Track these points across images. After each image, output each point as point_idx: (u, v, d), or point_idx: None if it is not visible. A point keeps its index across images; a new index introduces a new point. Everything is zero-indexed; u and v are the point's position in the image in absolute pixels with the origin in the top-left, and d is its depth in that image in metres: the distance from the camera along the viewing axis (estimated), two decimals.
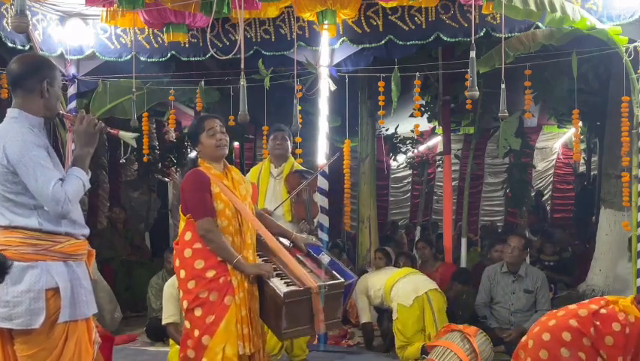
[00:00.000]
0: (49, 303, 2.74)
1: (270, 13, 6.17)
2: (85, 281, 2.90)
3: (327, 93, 6.45)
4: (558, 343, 3.53)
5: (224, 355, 3.54)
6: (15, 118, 2.82)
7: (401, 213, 13.85)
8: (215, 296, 3.59)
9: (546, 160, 13.67)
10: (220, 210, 3.66)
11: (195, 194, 3.69)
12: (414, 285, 5.68)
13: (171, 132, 10.88)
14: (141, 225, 9.85)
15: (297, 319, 3.58)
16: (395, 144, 10.67)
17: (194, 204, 3.70)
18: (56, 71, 2.94)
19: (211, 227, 3.62)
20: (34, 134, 2.77)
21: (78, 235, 2.89)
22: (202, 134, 3.78)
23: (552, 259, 8.79)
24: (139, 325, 6.99)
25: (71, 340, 2.80)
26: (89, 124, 2.87)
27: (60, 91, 2.94)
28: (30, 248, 2.74)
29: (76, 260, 2.86)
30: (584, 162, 13.02)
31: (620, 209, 7.00)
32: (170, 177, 11.30)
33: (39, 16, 6.47)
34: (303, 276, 3.59)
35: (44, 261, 2.75)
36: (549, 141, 13.38)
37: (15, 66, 2.88)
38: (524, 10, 4.79)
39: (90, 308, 2.91)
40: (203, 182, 3.68)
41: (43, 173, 2.69)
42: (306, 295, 3.54)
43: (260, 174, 5.44)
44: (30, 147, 2.71)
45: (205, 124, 3.79)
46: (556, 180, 13.90)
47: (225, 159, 3.90)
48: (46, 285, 2.73)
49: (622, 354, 3.47)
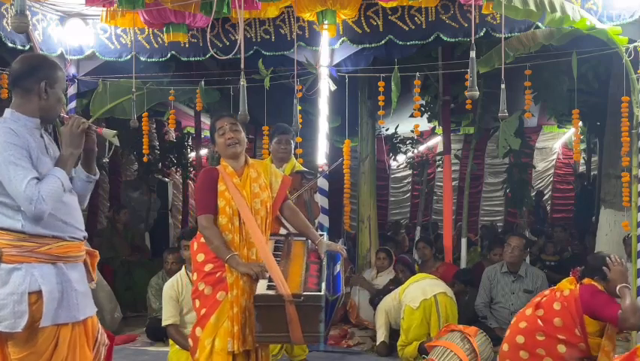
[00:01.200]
0: (33, 306, 2.67)
1: (270, 13, 6.18)
2: (78, 284, 2.82)
3: (327, 93, 6.45)
4: (516, 348, 4.00)
5: (213, 349, 3.60)
6: (4, 119, 2.78)
7: (401, 213, 13.84)
8: (210, 290, 3.68)
9: (546, 160, 13.66)
10: (221, 208, 3.71)
11: (200, 190, 3.85)
12: (423, 288, 5.65)
13: (171, 132, 10.89)
14: (141, 225, 9.85)
15: (273, 325, 3.49)
16: (395, 144, 10.66)
17: (197, 200, 3.91)
18: (57, 72, 2.85)
19: (207, 224, 3.69)
20: (14, 135, 2.69)
21: (66, 236, 2.80)
22: (215, 134, 3.86)
23: (553, 259, 8.78)
24: (139, 325, 6.99)
25: (63, 344, 2.74)
26: (73, 125, 2.81)
27: (61, 92, 2.87)
28: (15, 250, 2.69)
29: (67, 262, 2.79)
30: (584, 162, 13.01)
31: (620, 209, 7.00)
32: (170, 177, 11.31)
33: (39, 16, 6.47)
34: (279, 282, 3.50)
35: (29, 263, 2.69)
36: (549, 141, 13.37)
37: (15, 65, 2.85)
38: (524, 10, 4.79)
39: (83, 312, 2.83)
40: (208, 179, 3.77)
41: (16, 172, 2.63)
42: (280, 302, 3.44)
43: None
44: (6, 147, 2.65)
45: (216, 124, 3.85)
46: (556, 180, 13.89)
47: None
48: (29, 288, 2.67)
49: (574, 325, 3.89)
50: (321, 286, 3.51)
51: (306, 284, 3.54)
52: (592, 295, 3.90)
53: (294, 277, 3.61)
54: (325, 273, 3.65)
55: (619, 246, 7.22)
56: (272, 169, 4.02)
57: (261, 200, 3.79)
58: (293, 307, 3.42)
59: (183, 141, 11.09)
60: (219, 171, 3.79)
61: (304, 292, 3.47)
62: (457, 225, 9.77)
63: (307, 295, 3.45)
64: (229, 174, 3.76)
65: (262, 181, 3.84)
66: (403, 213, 13.81)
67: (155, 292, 6.53)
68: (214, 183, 3.73)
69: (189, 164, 11.04)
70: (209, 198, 3.72)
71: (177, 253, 6.27)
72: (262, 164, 4.05)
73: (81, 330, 2.84)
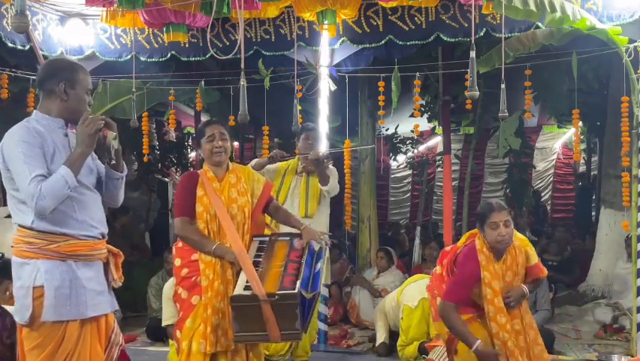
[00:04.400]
0: (36, 301, 2.77)
1: (270, 13, 6.18)
2: (90, 282, 2.88)
3: (327, 93, 6.45)
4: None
5: (190, 351, 3.71)
6: (28, 119, 2.90)
7: (401, 213, 13.84)
8: (186, 294, 3.79)
9: (546, 160, 13.66)
10: (199, 213, 3.81)
11: (178, 194, 3.96)
12: (421, 288, 5.65)
13: (171, 132, 10.88)
14: (141, 225, 9.85)
15: (250, 324, 3.54)
16: (395, 144, 10.67)
17: (175, 205, 4.00)
18: (79, 74, 2.93)
19: (183, 226, 3.81)
20: (29, 133, 2.79)
21: (78, 235, 2.86)
22: (202, 138, 3.93)
23: (555, 259, 8.79)
24: (139, 325, 6.98)
25: (68, 340, 2.80)
26: (89, 125, 2.85)
27: (84, 93, 2.95)
28: (26, 246, 2.80)
29: (78, 260, 2.85)
30: (584, 162, 13.02)
31: (620, 209, 7.01)
32: (170, 177, 11.31)
33: (39, 16, 6.47)
34: (254, 282, 3.56)
35: (37, 259, 2.79)
36: (549, 141, 13.36)
37: (40, 69, 3.03)
38: (524, 10, 4.79)
39: (93, 309, 2.89)
40: (187, 183, 3.89)
41: (23, 169, 2.73)
42: (256, 302, 3.49)
43: (286, 171, 5.45)
44: (19, 144, 2.75)
45: (206, 130, 3.93)
46: (556, 180, 13.89)
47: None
48: (34, 283, 2.77)
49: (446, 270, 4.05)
50: (296, 284, 3.56)
51: (283, 283, 3.59)
52: (459, 264, 3.93)
53: (272, 276, 3.66)
54: (303, 271, 3.68)
55: (619, 246, 7.23)
56: (254, 175, 4.11)
57: (239, 205, 3.87)
58: (268, 306, 3.48)
59: (183, 141, 11.10)
60: (199, 175, 3.90)
61: (279, 290, 3.52)
62: (457, 225, 9.77)
63: (281, 294, 3.50)
64: (209, 179, 3.87)
65: (241, 186, 3.93)
66: (402, 213, 13.81)
67: (155, 292, 6.53)
68: (193, 188, 3.85)
69: (189, 164, 11.05)
70: (187, 202, 3.83)
71: None
72: (244, 169, 4.12)
73: (93, 327, 2.90)
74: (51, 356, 2.78)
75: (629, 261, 6.53)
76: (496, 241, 3.80)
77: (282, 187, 5.37)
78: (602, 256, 7.56)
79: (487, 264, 3.83)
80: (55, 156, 2.82)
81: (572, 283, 8.23)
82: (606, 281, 7.41)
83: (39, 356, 2.78)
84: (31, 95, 6.59)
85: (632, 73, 5.52)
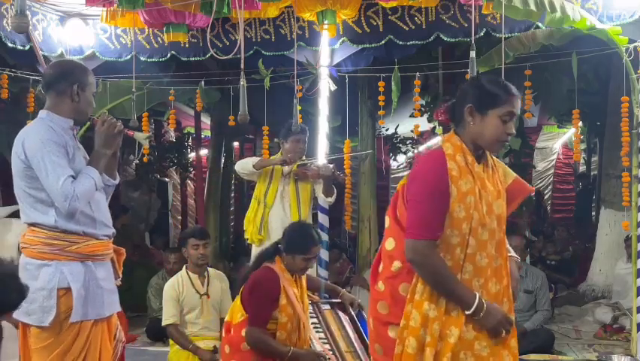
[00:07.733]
0: (60, 302, 2.79)
1: (270, 13, 6.17)
2: (105, 282, 2.92)
3: (327, 93, 6.44)
4: None
5: None
6: (42, 118, 2.92)
7: None
8: None
9: (546, 160, 13.65)
10: (282, 323, 3.70)
11: (258, 300, 3.71)
12: None
13: (171, 132, 10.88)
14: (141, 225, 9.85)
15: None
16: (395, 144, 10.67)
17: (252, 310, 3.72)
18: (89, 77, 2.98)
19: (259, 336, 3.67)
20: (53, 132, 2.83)
21: (99, 235, 2.92)
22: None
23: (555, 259, 8.79)
24: (139, 325, 6.97)
25: (81, 338, 2.83)
26: (110, 126, 2.93)
27: (91, 96, 2.99)
28: (47, 248, 2.81)
29: (95, 260, 2.89)
30: (584, 162, 13.01)
31: (620, 209, 7.00)
32: (169, 177, 11.32)
33: (39, 16, 6.46)
34: None
35: (59, 260, 2.80)
36: (549, 141, 13.36)
37: (49, 69, 3.06)
38: (524, 10, 4.79)
39: (108, 308, 2.94)
40: (271, 291, 3.70)
41: (54, 168, 2.75)
42: None
43: (273, 174, 5.43)
44: (45, 143, 2.78)
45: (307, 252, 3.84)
46: (556, 180, 13.89)
47: None
48: (58, 284, 2.79)
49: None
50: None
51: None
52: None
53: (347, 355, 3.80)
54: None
55: (619, 246, 7.23)
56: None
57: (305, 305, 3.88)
58: None
59: (183, 141, 11.09)
60: (279, 276, 3.72)
61: None
62: None
63: None
64: (289, 282, 3.75)
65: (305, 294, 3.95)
66: None
67: (155, 292, 6.52)
68: (275, 295, 3.69)
69: (189, 164, 11.04)
70: (266, 311, 3.69)
71: (178, 252, 6.26)
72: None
73: (104, 326, 2.94)
74: (63, 354, 2.80)
75: (629, 261, 6.52)
76: (498, 140, 2.61)
77: (269, 189, 5.34)
78: (602, 256, 7.55)
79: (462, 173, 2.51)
80: (75, 156, 2.87)
81: (572, 283, 8.23)
82: (606, 281, 7.40)
83: (50, 355, 2.79)
84: (30, 95, 6.58)
85: (632, 73, 5.52)
